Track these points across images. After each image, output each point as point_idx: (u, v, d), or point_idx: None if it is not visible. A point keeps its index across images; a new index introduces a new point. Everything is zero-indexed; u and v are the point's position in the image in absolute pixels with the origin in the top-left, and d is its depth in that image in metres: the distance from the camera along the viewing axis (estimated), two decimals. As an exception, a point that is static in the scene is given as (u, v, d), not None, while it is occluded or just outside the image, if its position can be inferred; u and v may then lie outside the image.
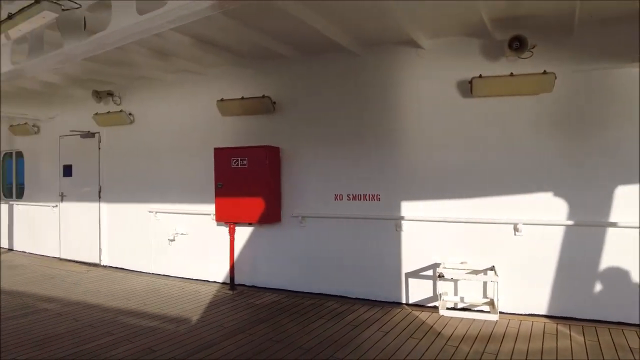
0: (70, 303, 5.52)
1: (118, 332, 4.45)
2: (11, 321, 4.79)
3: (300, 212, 5.87)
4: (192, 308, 5.26)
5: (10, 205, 9.76)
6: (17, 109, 8.37)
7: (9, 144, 9.88)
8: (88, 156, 7.94)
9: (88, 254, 7.94)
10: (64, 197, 8.38)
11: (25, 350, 3.98)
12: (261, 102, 5.97)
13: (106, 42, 3.93)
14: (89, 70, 6.61)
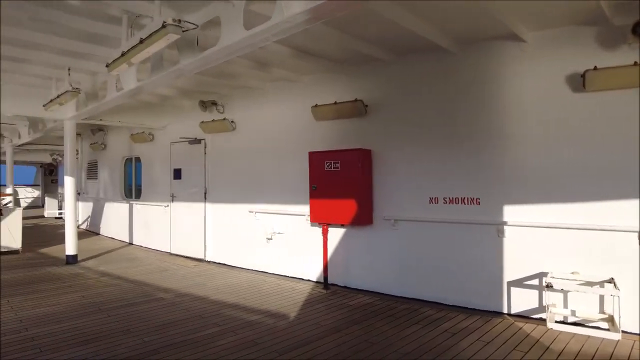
0: (181, 294, 6.10)
1: (223, 323, 4.83)
2: (137, 306, 5.45)
3: (392, 214, 5.83)
4: (289, 305, 5.51)
5: (130, 205, 11.08)
6: (137, 120, 9.49)
7: (129, 150, 11.24)
8: (195, 160, 8.73)
9: (194, 250, 8.71)
10: (174, 197, 9.30)
11: (148, 333, 4.50)
12: (353, 106, 6.07)
13: (217, 57, 4.30)
14: (197, 83, 7.29)
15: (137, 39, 3.95)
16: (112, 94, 6.38)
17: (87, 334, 4.45)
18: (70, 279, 7.00)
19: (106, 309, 5.35)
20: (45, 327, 4.68)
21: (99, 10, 4.70)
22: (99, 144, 12.48)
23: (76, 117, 8.27)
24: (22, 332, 4.54)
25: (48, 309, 5.36)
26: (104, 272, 7.52)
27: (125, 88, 5.82)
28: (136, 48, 3.97)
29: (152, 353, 3.97)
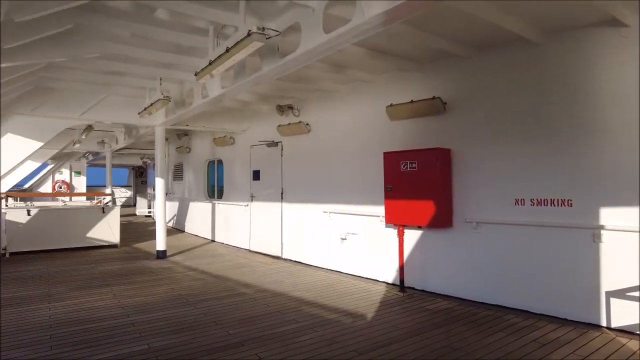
0: (261, 290, 6.36)
1: (302, 320, 4.95)
2: (221, 300, 5.79)
3: (474, 217, 5.59)
4: (366, 305, 5.51)
5: (212, 204, 11.79)
6: (219, 124, 10.07)
7: (212, 153, 11.97)
8: (272, 162, 9.06)
9: (272, 248, 9.05)
10: (254, 197, 9.73)
11: (233, 325, 4.76)
12: (431, 104, 5.91)
13: (297, 62, 4.44)
14: (275, 88, 7.57)
15: (223, 48, 4.20)
16: (198, 100, 6.85)
17: (178, 324, 4.82)
18: (161, 273, 7.61)
19: (194, 301, 5.74)
20: (143, 314, 5.14)
21: (187, 23, 5.08)
22: (184, 148, 13.44)
23: (165, 123, 8.99)
24: (124, 317, 5.03)
25: (144, 298, 5.88)
26: (190, 267, 8.09)
27: (210, 95, 6.22)
28: (222, 57, 4.22)
29: (237, 345, 4.19)
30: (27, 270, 7.76)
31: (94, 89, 8.06)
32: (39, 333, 4.53)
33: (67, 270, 7.81)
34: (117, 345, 4.17)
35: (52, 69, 6.43)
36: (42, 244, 9.56)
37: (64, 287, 6.49)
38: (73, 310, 5.31)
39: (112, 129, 13.20)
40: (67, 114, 8.10)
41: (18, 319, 4.98)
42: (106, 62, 6.28)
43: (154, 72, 6.79)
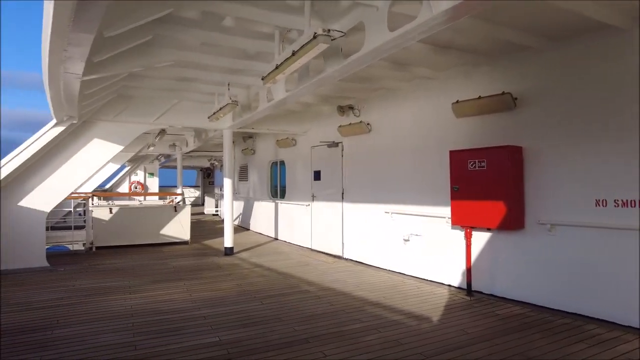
0: (324, 288, 6.43)
1: (366, 320, 4.94)
2: (286, 297, 5.93)
3: (549, 218, 5.25)
4: (431, 308, 5.38)
5: (275, 204, 12.12)
6: (281, 127, 10.33)
7: (275, 154, 12.31)
8: (333, 163, 9.13)
9: (333, 247, 9.11)
10: (315, 197, 9.87)
11: (298, 322, 4.85)
12: (500, 100, 5.64)
13: (361, 62, 4.45)
14: (336, 89, 7.62)
15: (289, 51, 4.30)
16: (264, 104, 7.08)
17: (246, 318, 5.01)
18: (229, 269, 7.96)
19: (260, 297, 5.94)
20: (213, 308, 5.41)
21: (253, 29, 5.27)
22: (249, 150, 13.95)
23: (233, 127, 9.39)
24: (195, 310, 5.33)
25: (214, 293, 6.18)
26: (256, 264, 8.37)
27: (275, 98, 6.41)
28: (288, 60, 4.33)
29: (302, 342, 4.27)
30: (110, 264, 8.47)
31: (167, 96, 8.63)
32: (122, 321, 4.93)
33: (144, 264, 8.41)
34: (190, 336, 4.43)
35: (132, 78, 6.97)
36: (122, 239, 10.38)
37: (142, 280, 7.00)
38: (151, 302, 5.72)
39: (182, 133, 14.01)
40: (143, 119, 8.75)
41: (104, 307, 5.46)
42: (179, 70, 6.69)
43: (222, 77, 7.12)
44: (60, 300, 5.82)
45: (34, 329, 4.65)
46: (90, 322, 4.88)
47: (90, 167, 8.44)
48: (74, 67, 4.59)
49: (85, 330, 4.60)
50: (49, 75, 4.77)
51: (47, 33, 3.50)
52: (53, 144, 7.85)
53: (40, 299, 5.90)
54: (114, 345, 4.19)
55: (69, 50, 4.03)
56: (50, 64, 4.34)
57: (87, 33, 3.57)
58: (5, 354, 3.99)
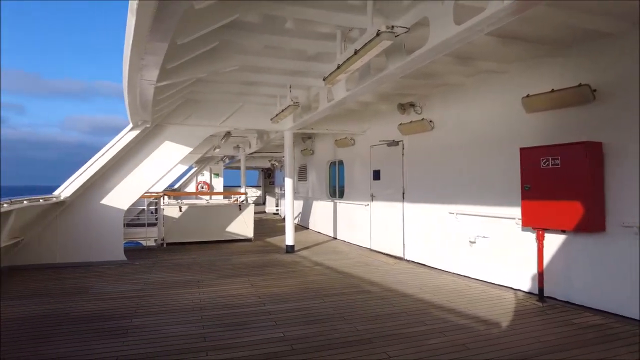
0: (386, 289, 6.35)
1: (430, 323, 4.81)
2: (347, 296, 5.94)
3: (635, 220, 4.79)
4: (499, 313, 5.12)
5: (334, 203, 12.18)
6: (340, 127, 10.35)
7: (333, 154, 12.37)
8: (393, 162, 9.00)
9: (393, 248, 8.98)
10: (374, 197, 9.79)
11: (361, 322, 4.83)
12: (577, 93, 5.24)
13: (425, 58, 4.34)
14: (396, 86, 7.50)
15: (351, 50, 4.30)
16: (324, 104, 7.14)
17: (309, 315, 5.08)
18: (291, 266, 8.12)
19: (322, 295, 5.99)
20: (277, 304, 5.55)
21: (313, 30, 5.33)
22: (308, 150, 14.14)
23: (293, 128, 9.56)
24: (260, 306, 5.49)
25: (277, 289, 6.33)
26: (317, 262, 8.47)
27: (335, 98, 6.44)
28: (351, 59, 4.33)
29: (365, 342, 4.25)
30: (180, 259, 8.97)
31: (232, 99, 8.98)
32: (192, 313, 5.20)
33: (212, 260, 8.82)
34: (256, 331, 4.57)
35: (199, 83, 7.33)
36: (191, 236, 10.96)
37: (210, 275, 7.34)
38: (219, 296, 5.98)
39: (246, 135, 14.52)
40: (210, 122, 9.18)
41: (176, 300, 5.79)
42: (242, 74, 6.93)
43: (284, 80, 7.28)
44: (138, 291, 6.26)
45: (117, 317, 5.04)
46: (164, 313, 5.20)
47: (162, 168, 9.01)
48: (149, 74, 4.93)
49: (160, 321, 4.92)
50: (128, 83, 5.15)
51: (128, 43, 3.78)
52: (130, 147, 8.48)
53: (121, 289, 6.39)
54: (185, 335, 4.43)
55: (146, 58, 4.32)
56: (130, 72, 4.69)
57: (162, 42, 3.82)
58: (93, 338, 4.36)
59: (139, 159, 8.75)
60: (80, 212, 8.34)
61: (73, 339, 4.35)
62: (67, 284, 6.75)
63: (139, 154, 8.75)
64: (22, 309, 5.46)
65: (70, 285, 6.70)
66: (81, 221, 8.33)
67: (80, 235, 8.27)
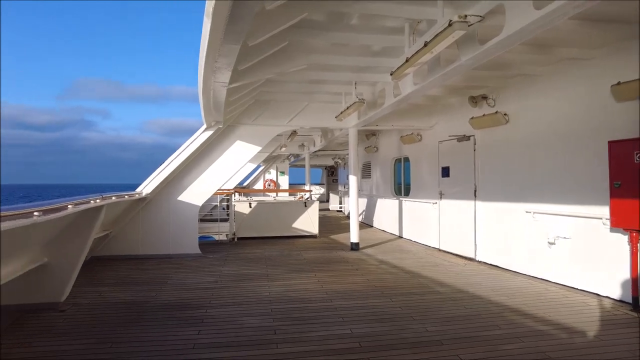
0: (456, 290, 6.11)
1: (505, 327, 4.54)
2: (416, 296, 5.80)
3: None
4: (584, 321, 4.71)
5: (399, 201, 11.95)
6: (406, 122, 10.13)
7: (398, 151, 12.14)
8: (463, 158, 8.63)
9: (464, 248, 8.62)
10: (442, 195, 9.46)
11: (431, 323, 4.68)
12: (679, 78, 4.66)
13: (500, 47, 4.10)
14: (467, 78, 7.18)
15: (420, 43, 4.18)
16: (390, 100, 7.02)
17: (376, 314, 5.03)
18: (356, 263, 8.10)
19: (389, 294, 5.91)
20: (343, 301, 5.56)
21: (379, 24, 5.25)
22: (372, 147, 14.01)
23: (358, 125, 9.53)
24: (327, 302, 5.54)
25: (343, 286, 6.35)
26: (382, 261, 8.37)
27: (402, 93, 6.30)
28: (420, 52, 4.21)
29: (436, 343, 4.12)
30: (250, 253, 9.32)
31: (298, 98, 9.16)
32: (263, 306, 5.37)
33: (279, 255, 9.06)
34: (324, 326, 4.61)
35: (268, 84, 7.55)
36: (259, 231, 11.36)
37: (279, 269, 7.55)
38: (287, 290, 6.13)
39: (310, 133, 14.74)
40: (278, 121, 9.43)
41: (248, 292, 6.03)
42: (309, 73, 7.02)
43: (349, 76, 7.27)
44: (212, 283, 6.60)
45: (192, 307, 5.36)
46: (236, 305, 5.43)
47: (233, 166, 9.42)
48: (222, 77, 5.16)
49: (232, 312, 5.14)
50: (203, 85, 5.43)
51: (203, 47, 3.98)
52: (204, 147, 8.96)
53: (196, 281, 6.78)
54: (256, 327, 4.59)
55: (219, 61, 4.53)
56: (204, 75, 4.94)
57: (235, 44, 3.97)
58: (173, 325, 4.67)
59: (212, 158, 9.22)
60: (159, 208, 8.97)
61: (156, 325, 4.69)
62: (149, 274, 7.30)
63: (212, 153, 9.22)
64: (113, 295, 5.99)
65: (152, 275, 7.24)
66: (160, 216, 8.97)
67: (159, 229, 8.90)
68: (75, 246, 5.17)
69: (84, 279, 6.58)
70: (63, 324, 4.73)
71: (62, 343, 4.19)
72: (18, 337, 4.32)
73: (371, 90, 8.23)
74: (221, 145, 9.27)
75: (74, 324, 4.75)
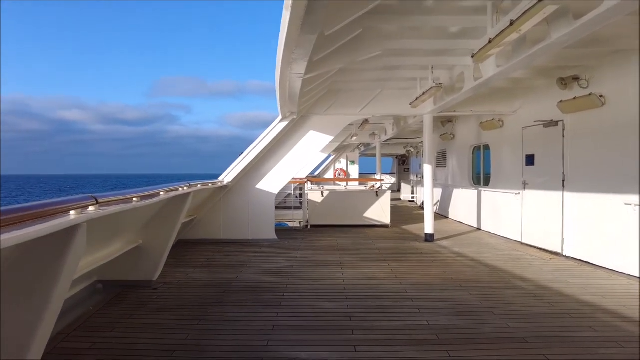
0: (541, 287, 5.72)
1: (600, 329, 4.17)
2: (496, 290, 5.53)
3: None
4: (698, 328, 4.18)
5: (478, 191, 11.39)
6: (487, 107, 9.57)
7: (477, 138, 11.54)
8: (550, 145, 7.98)
9: (549, 242, 8.02)
10: (526, 185, 8.85)
11: (513, 319, 4.44)
12: None
13: (599, 21, 3.70)
14: (556, 57, 6.58)
15: (506, 21, 3.91)
16: (470, 84, 6.68)
17: (455, 307, 4.88)
18: (431, 255, 7.90)
19: (467, 287, 5.69)
20: (419, 292, 5.46)
21: (458, 5, 4.99)
22: (448, 135, 13.45)
23: (433, 111, 9.20)
24: (402, 292, 5.47)
25: (419, 277, 6.24)
26: (459, 253, 8.07)
27: (484, 76, 5.96)
28: (505, 31, 3.94)
29: (520, 340, 3.91)
30: (323, 240, 9.49)
31: (371, 86, 9.05)
32: (338, 292, 5.46)
33: (351, 243, 9.12)
34: (400, 316, 4.58)
35: (341, 73, 7.54)
36: (331, 219, 11.51)
37: (351, 257, 7.60)
38: (361, 278, 6.16)
39: (382, 122, 14.53)
40: (350, 110, 9.42)
41: (322, 278, 6.16)
42: (383, 59, 6.89)
43: (424, 61, 7.04)
44: (288, 268, 6.84)
45: (271, 290, 5.60)
46: (312, 290, 5.57)
47: (306, 155, 9.60)
48: (298, 68, 5.25)
49: (308, 297, 5.29)
50: (280, 77, 5.58)
51: (282, 38, 4.08)
52: (279, 137, 9.23)
53: (273, 265, 7.07)
54: (332, 313, 4.69)
55: (296, 52, 4.61)
56: (282, 66, 5.06)
57: (311, 34, 4.01)
58: (254, 307, 4.93)
59: (287, 147, 9.49)
60: (239, 195, 9.44)
61: (240, 306, 4.98)
62: (230, 258, 7.75)
63: (287, 143, 9.48)
64: (198, 276, 6.45)
65: (233, 259, 7.67)
66: (240, 203, 9.44)
67: (239, 216, 9.39)
68: (166, 230, 5.63)
69: (172, 260, 7.15)
70: (157, 300, 5.20)
71: (157, 317, 4.61)
72: (121, 309, 4.82)
73: (448, 75, 7.88)
74: (295, 136, 9.49)
75: (166, 300, 5.20)
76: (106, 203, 3.06)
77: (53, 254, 2.45)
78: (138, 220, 5.11)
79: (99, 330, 4.20)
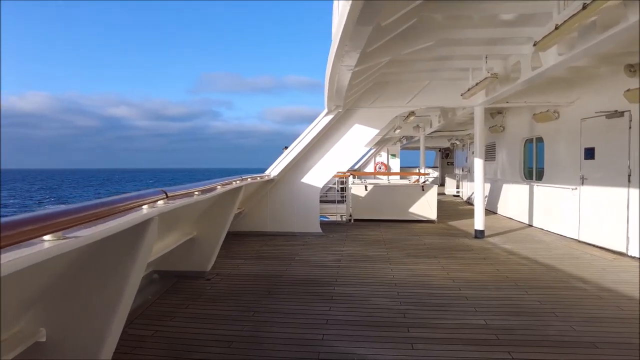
0: (604, 289, 5.38)
1: (678, 336, 3.88)
2: (555, 291, 5.27)
3: None
4: None
5: (530, 186, 10.89)
6: (541, 98, 9.10)
7: (529, 130, 11.02)
8: (614, 137, 7.47)
9: (612, 241, 7.54)
10: (585, 180, 8.36)
11: (578, 322, 4.21)
12: None
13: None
14: (625, 43, 6.10)
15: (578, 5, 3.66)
16: (527, 74, 6.36)
17: (512, 306, 4.69)
18: (483, 252, 7.64)
19: (523, 286, 5.45)
20: (474, 290, 5.29)
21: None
22: (498, 127, 12.93)
23: (485, 103, 8.85)
24: (456, 290, 5.32)
25: (471, 275, 6.04)
26: (511, 251, 7.75)
27: (544, 65, 5.65)
28: (577, 16, 3.69)
29: (588, 345, 3.70)
30: (368, 235, 9.41)
31: (419, 77, 8.82)
32: (389, 288, 5.39)
33: (397, 238, 8.98)
34: (456, 314, 4.45)
35: (390, 64, 7.38)
36: (375, 214, 11.39)
37: (399, 253, 7.49)
38: (411, 274, 6.05)
39: (428, 114, 14.18)
40: (396, 102, 9.24)
41: (371, 273, 6.11)
42: (436, 49, 6.67)
43: (478, 50, 6.77)
44: (336, 261, 6.84)
45: (321, 283, 5.61)
46: (362, 285, 5.54)
47: (351, 149, 9.53)
48: (349, 60, 5.18)
49: (360, 291, 5.26)
50: (332, 70, 5.53)
51: (338, 30, 4.02)
52: (324, 131, 9.21)
53: (321, 258, 7.09)
54: (385, 309, 4.63)
55: (349, 44, 4.54)
56: (335, 60, 5.01)
57: (368, 25, 3.93)
58: (306, 299, 4.96)
59: (332, 141, 9.46)
60: (285, 189, 9.53)
61: (291, 299, 5.03)
62: (278, 250, 7.85)
63: (332, 137, 9.45)
64: (248, 267, 6.57)
65: (281, 251, 7.76)
66: (286, 196, 9.53)
67: (285, 209, 9.48)
68: (219, 222, 5.76)
69: (223, 252, 7.31)
70: (210, 290, 5.34)
71: (212, 307, 4.74)
72: (177, 299, 5.00)
73: (502, 64, 7.53)
74: (340, 129, 9.43)
75: (219, 291, 5.33)
76: (173, 197, 3.16)
77: (127, 247, 2.55)
78: (194, 213, 5.26)
79: (160, 318, 4.36)
